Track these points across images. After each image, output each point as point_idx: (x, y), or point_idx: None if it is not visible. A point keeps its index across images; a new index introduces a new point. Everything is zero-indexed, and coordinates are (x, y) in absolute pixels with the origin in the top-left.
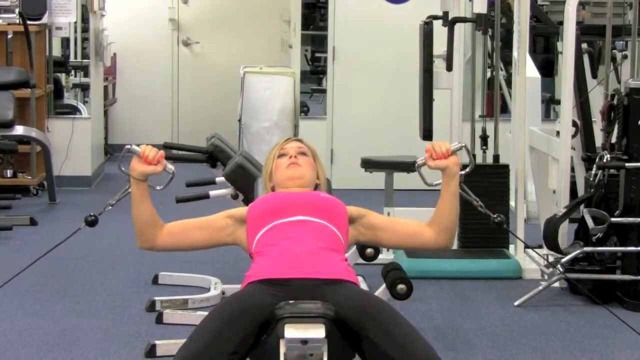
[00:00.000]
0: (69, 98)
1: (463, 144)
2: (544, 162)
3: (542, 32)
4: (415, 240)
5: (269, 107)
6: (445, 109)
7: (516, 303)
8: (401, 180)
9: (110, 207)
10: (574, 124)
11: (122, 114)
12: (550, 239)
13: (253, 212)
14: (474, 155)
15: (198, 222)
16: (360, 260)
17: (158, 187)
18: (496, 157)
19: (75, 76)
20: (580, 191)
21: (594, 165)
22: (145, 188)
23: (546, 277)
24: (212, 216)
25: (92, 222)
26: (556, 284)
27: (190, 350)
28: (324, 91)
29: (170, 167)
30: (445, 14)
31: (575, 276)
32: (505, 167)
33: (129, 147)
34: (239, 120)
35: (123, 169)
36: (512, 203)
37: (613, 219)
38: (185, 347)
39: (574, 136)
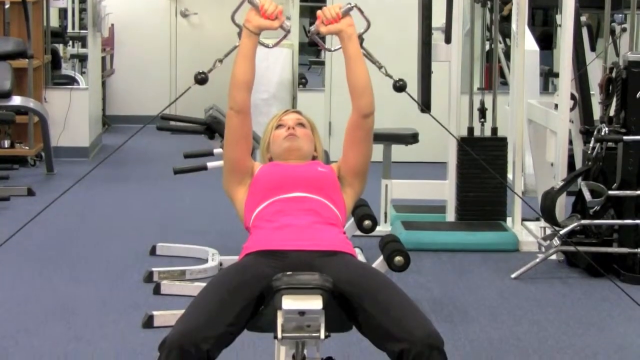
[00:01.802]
0: (66, 69)
1: (353, 4)
2: (542, 135)
3: (541, 4)
4: (356, 129)
5: (267, 79)
6: (444, 82)
7: (513, 275)
8: (399, 152)
9: (219, 64)
10: (573, 97)
11: (120, 85)
12: (547, 212)
13: (255, 183)
14: (471, 129)
15: (250, 145)
16: (358, 232)
17: (270, 45)
18: (494, 130)
19: (73, 47)
20: (578, 164)
21: (592, 138)
22: (256, 43)
23: (543, 249)
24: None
25: (202, 80)
26: (553, 257)
27: (189, 321)
28: (322, 63)
29: (287, 24)
30: None
31: (572, 249)
32: (503, 140)
33: None
34: None
35: (237, 20)
36: (509, 176)
37: (610, 192)
38: (183, 319)
39: (572, 109)
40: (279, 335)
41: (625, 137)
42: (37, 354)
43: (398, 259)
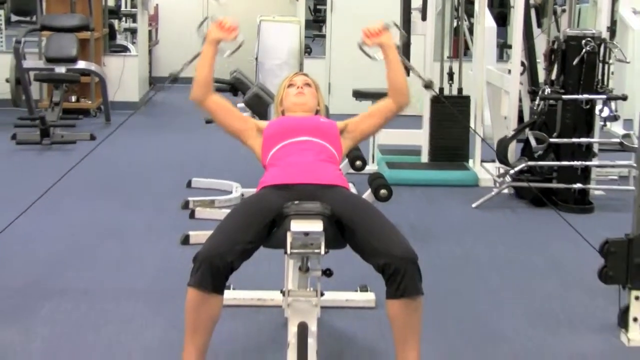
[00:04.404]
0: (120, 39)
1: (392, 23)
2: (498, 94)
3: None
4: (386, 113)
5: (279, 49)
6: (420, 51)
7: (474, 205)
8: None
9: (187, 66)
10: (522, 64)
11: (162, 53)
12: (501, 155)
13: (268, 132)
14: (442, 89)
15: (238, 113)
16: (351, 171)
17: (226, 53)
18: (460, 90)
19: (126, 22)
20: (526, 117)
21: (537, 97)
22: (215, 50)
23: (498, 185)
24: (246, 116)
25: (174, 79)
26: (505, 191)
27: (217, 240)
28: (323, 36)
29: (241, 37)
30: None
31: (520, 184)
32: (467, 98)
33: (211, 15)
34: (256, 59)
35: (200, 31)
36: (472, 126)
37: (551, 140)
38: (212, 238)
39: (522, 74)
40: (289, 251)
41: (563, 97)
42: (95, 266)
43: (383, 192)
